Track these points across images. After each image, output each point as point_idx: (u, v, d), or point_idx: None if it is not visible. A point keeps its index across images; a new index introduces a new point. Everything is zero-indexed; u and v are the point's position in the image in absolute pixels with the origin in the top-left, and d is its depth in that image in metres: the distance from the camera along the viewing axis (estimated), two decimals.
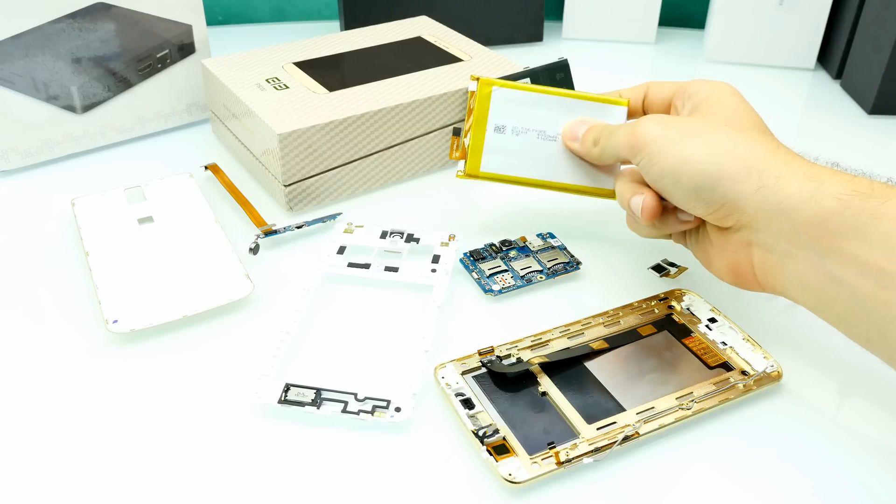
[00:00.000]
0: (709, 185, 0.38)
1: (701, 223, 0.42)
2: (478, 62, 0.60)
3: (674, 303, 0.45)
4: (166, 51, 0.61)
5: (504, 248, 0.49)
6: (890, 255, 0.33)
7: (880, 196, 0.34)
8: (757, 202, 0.37)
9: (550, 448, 0.35)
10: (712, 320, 0.43)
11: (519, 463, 0.35)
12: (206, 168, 0.56)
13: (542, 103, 0.47)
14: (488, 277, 0.46)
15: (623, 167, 0.46)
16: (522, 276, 0.47)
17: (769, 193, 0.36)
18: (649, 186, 0.42)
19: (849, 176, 0.35)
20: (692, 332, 0.43)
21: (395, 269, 0.47)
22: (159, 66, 0.61)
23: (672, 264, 0.48)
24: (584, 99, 0.47)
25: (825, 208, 0.34)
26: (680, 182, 0.39)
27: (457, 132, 0.48)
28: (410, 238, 0.49)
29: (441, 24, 0.67)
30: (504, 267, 0.47)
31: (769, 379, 0.39)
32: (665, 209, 0.42)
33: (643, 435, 0.36)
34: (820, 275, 0.36)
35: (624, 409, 0.38)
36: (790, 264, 0.37)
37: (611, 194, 0.48)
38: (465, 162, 0.47)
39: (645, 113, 0.48)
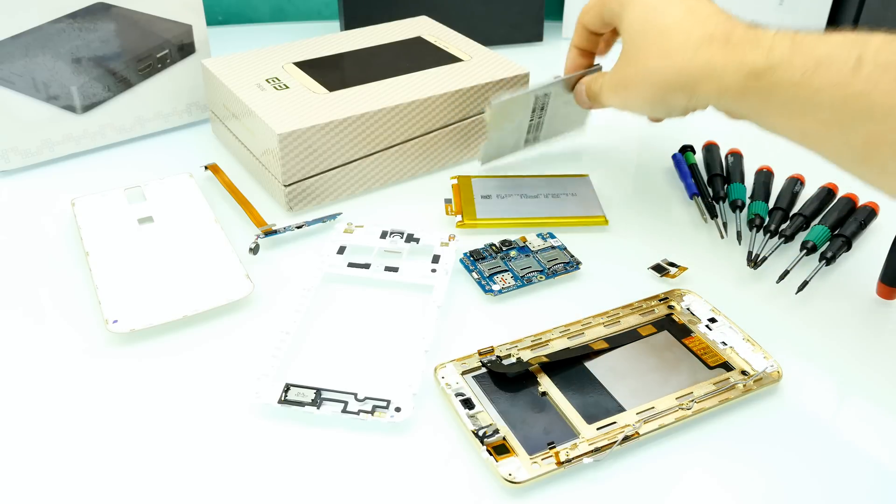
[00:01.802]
0: (664, 104, 0.46)
1: None
2: (478, 62, 0.60)
3: (674, 303, 0.45)
4: (166, 51, 0.61)
5: (504, 248, 0.49)
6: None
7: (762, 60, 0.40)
8: (699, 101, 0.44)
9: (550, 448, 0.35)
10: (712, 320, 0.43)
11: (519, 463, 0.35)
12: (206, 168, 0.56)
13: (514, 185, 0.55)
14: (488, 277, 0.46)
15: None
16: (522, 276, 0.47)
17: (701, 98, 0.43)
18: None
19: (741, 51, 0.41)
20: (692, 332, 0.43)
21: (395, 269, 0.47)
22: (159, 66, 0.61)
23: (672, 264, 0.48)
24: (550, 177, 0.56)
25: (744, 88, 0.41)
26: (649, 110, 0.48)
27: (448, 201, 0.54)
28: (410, 238, 0.49)
29: (441, 24, 0.67)
30: (504, 267, 0.47)
31: (769, 379, 0.39)
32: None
33: (643, 435, 0.36)
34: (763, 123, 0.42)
35: (624, 409, 0.38)
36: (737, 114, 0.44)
37: (595, 221, 0.52)
38: (463, 215, 0.52)
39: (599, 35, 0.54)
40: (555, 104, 0.55)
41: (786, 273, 0.46)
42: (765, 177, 0.55)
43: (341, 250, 0.49)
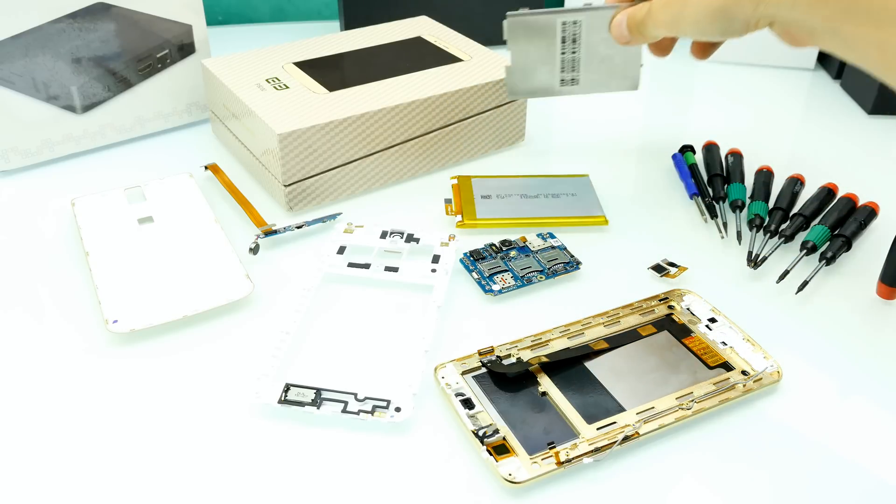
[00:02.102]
0: (724, 22, 0.41)
1: None
2: (478, 62, 0.60)
3: (674, 303, 0.45)
4: (166, 51, 0.61)
5: (504, 248, 0.49)
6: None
7: None
8: (767, 8, 0.39)
9: (550, 448, 0.35)
10: (712, 320, 0.43)
11: (519, 463, 0.35)
12: (206, 168, 0.56)
13: (514, 185, 0.54)
14: (488, 277, 0.46)
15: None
16: (522, 276, 0.47)
17: (776, 7, 0.38)
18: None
19: None
20: (692, 332, 0.43)
21: (395, 269, 0.47)
22: (159, 66, 0.61)
23: (672, 264, 0.48)
24: (550, 177, 0.55)
25: None
26: (707, 33, 0.42)
27: (448, 201, 0.53)
28: (410, 238, 0.49)
29: (441, 24, 0.67)
30: (504, 267, 0.47)
31: (769, 379, 0.39)
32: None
33: (643, 435, 0.36)
34: (840, 48, 0.37)
35: (624, 409, 0.38)
36: (815, 41, 0.38)
37: (595, 221, 0.51)
38: (463, 215, 0.52)
39: None
40: (591, 40, 0.51)
41: (786, 273, 0.46)
42: (765, 177, 0.55)
43: (341, 250, 0.49)
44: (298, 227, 0.50)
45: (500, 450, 0.35)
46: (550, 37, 0.51)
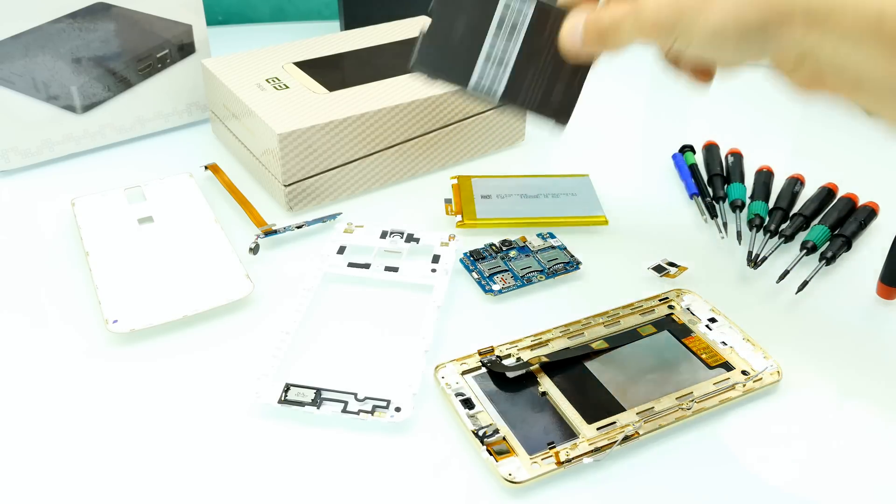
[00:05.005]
0: (756, 39, 0.32)
1: None
2: None
3: (674, 303, 0.45)
4: (166, 51, 0.61)
5: (504, 248, 0.49)
6: None
7: None
8: (814, 38, 0.31)
9: (550, 448, 0.35)
10: (712, 320, 0.43)
11: (519, 463, 0.35)
12: (206, 168, 0.56)
13: (514, 185, 0.53)
14: (488, 277, 0.46)
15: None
16: (522, 276, 0.47)
17: (824, 31, 0.31)
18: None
19: None
20: (692, 332, 0.43)
21: (395, 269, 0.47)
22: (159, 66, 0.61)
23: (672, 264, 0.48)
24: (550, 177, 0.55)
25: (891, 33, 0.29)
26: (725, 50, 0.33)
27: (448, 201, 0.53)
28: (410, 238, 0.49)
29: None
30: (504, 267, 0.47)
31: (769, 379, 0.39)
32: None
33: (643, 435, 0.36)
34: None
35: (624, 409, 0.38)
36: (869, 83, 0.32)
37: (595, 221, 0.51)
38: (463, 215, 0.51)
39: None
40: (533, 42, 0.42)
41: (786, 273, 0.46)
42: (765, 177, 0.55)
43: (341, 250, 0.49)
44: (298, 227, 0.50)
45: (500, 450, 0.35)
46: (487, 11, 0.42)
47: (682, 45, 0.35)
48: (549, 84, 0.43)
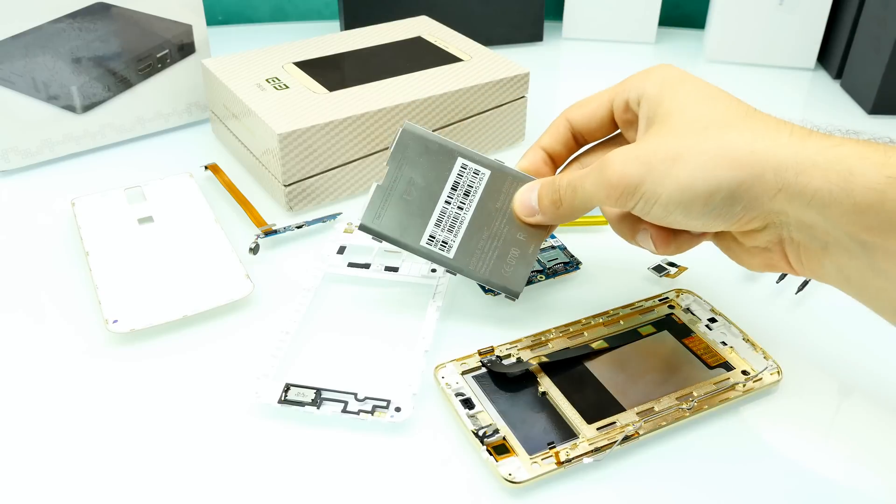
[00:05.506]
0: (724, 202, 0.32)
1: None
2: (478, 62, 0.60)
3: (674, 303, 0.45)
4: (166, 51, 0.61)
5: None
6: None
7: None
8: (780, 203, 0.32)
9: (550, 448, 0.35)
10: (712, 320, 0.43)
11: (519, 463, 0.35)
12: (206, 168, 0.56)
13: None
14: None
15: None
16: None
17: (792, 193, 0.31)
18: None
19: (874, 155, 0.30)
20: (692, 332, 0.43)
21: (395, 269, 0.47)
22: (159, 66, 0.61)
23: (672, 264, 0.48)
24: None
25: (860, 203, 0.30)
26: (692, 212, 0.33)
27: None
28: None
29: (441, 24, 0.67)
30: None
31: (769, 379, 0.39)
32: (675, 231, 0.38)
33: (643, 435, 0.36)
34: (864, 267, 0.32)
35: (624, 409, 0.38)
36: (829, 257, 0.33)
37: (595, 221, 0.51)
38: None
39: (582, 144, 0.42)
40: (487, 205, 0.42)
41: (786, 273, 0.46)
42: None
43: (341, 250, 0.49)
44: (298, 227, 0.50)
45: (500, 450, 0.35)
46: (442, 172, 0.42)
47: (644, 206, 0.34)
48: (502, 252, 0.42)
